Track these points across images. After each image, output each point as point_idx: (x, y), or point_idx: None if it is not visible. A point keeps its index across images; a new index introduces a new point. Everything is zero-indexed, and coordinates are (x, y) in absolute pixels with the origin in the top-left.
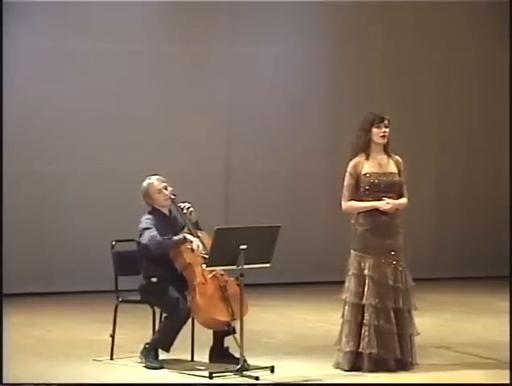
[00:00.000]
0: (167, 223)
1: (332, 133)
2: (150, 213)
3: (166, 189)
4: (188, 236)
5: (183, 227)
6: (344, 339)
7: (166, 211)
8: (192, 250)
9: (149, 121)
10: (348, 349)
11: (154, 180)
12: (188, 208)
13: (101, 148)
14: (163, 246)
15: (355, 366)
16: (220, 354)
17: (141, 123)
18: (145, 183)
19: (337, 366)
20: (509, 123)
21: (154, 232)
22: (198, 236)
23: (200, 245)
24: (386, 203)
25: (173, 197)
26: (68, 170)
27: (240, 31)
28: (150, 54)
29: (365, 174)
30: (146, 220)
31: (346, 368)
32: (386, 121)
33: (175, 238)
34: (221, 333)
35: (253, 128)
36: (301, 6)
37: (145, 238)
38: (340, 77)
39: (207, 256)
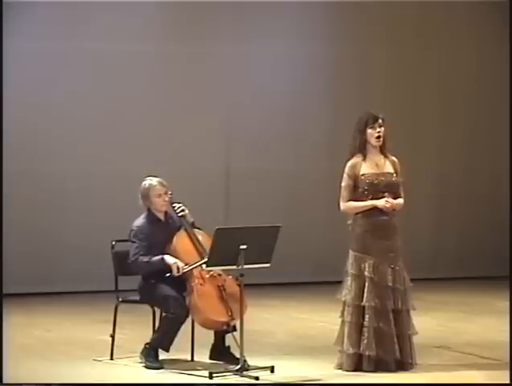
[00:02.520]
0: (161, 226)
1: (331, 133)
2: (145, 216)
3: (166, 194)
4: (167, 259)
5: (179, 228)
6: (346, 341)
7: (161, 214)
8: (171, 273)
9: (149, 121)
10: (351, 351)
11: (157, 184)
12: (183, 211)
13: (100, 148)
14: (142, 269)
15: (358, 367)
16: (220, 352)
17: (141, 123)
18: (146, 184)
19: (340, 367)
20: (509, 123)
21: (136, 249)
22: (196, 236)
23: (181, 265)
24: (385, 201)
25: (170, 196)
26: (67, 170)
27: (240, 31)
28: (150, 54)
29: (364, 175)
30: (135, 228)
31: (350, 370)
32: (380, 121)
33: (154, 260)
34: (222, 331)
35: (253, 128)
36: (301, 6)
37: (130, 254)
38: (340, 77)
39: (202, 260)
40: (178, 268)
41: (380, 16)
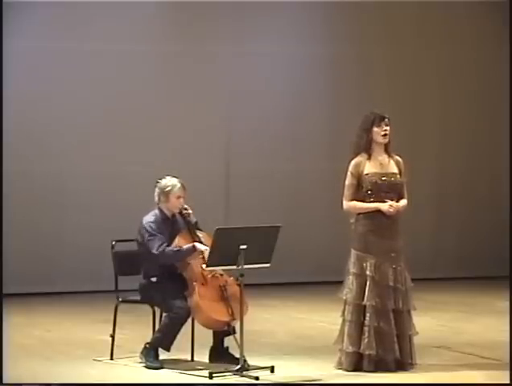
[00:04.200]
0: (168, 224)
1: (332, 133)
2: (154, 213)
3: (183, 197)
4: (198, 246)
5: (182, 228)
6: (346, 340)
7: (169, 213)
8: (204, 258)
9: (149, 121)
10: (350, 350)
11: (180, 186)
12: (186, 209)
13: (100, 148)
14: (172, 258)
15: (357, 367)
16: (220, 354)
17: (141, 123)
18: (169, 182)
19: (340, 366)
20: (509, 123)
21: (159, 241)
22: (198, 237)
23: None
24: (389, 206)
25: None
26: (67, 169)
27: (240, 31)
28: (150, 54)
29: (367, 174)
30: (150, 223)
31: (349, 369)
32: (386, 120)
33: (185, 248)
34: (221, 333)
35: (253, 127)
36: (301, 6)
37: (153, 247)
38: (340, 77)
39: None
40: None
41: (380, 16)
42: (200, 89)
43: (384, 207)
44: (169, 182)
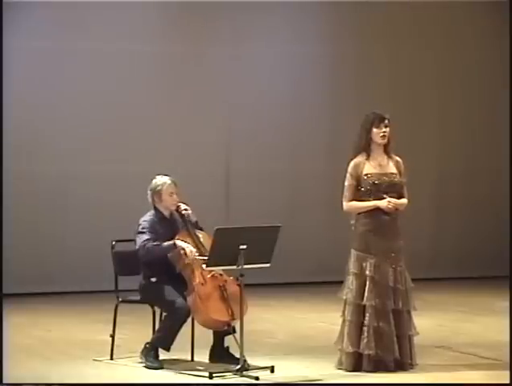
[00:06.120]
0: (166, 224)
1: (332, 133)
2: (152, 213)
3: (177, 194)
4: (179, 243)
5: (181, 228)
6: (345, 340)
7: (167, 213)
8: (186, 255)
9: (149, 122)
10: (350, 350)
11: (171, 182)
12: (186, 210)
13: (100, 148)
14: (152, 253)
15: (357, 367)
16: (220, 354)
17: (141, 123)
18: (159, 181)
19: (340, 366)
20: (509, 123)
21: (146, 237)
22: (197, 236)
23: (193, 249)
24: (387, 202)
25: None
26: (68, 170)
27: (240, 31)
28: (150, 54)
29: (366, 175)
30: (143, 222)
31: (349, 369)
32: (386, 121)
33: (165, 244)
34: (221, 332)
35: (254, 128)
36: (301, 6)
37: (137, 243)
38: (340, 77)
39: (205, 257)
40: (191, 251)
41: (380, 16)
42: (200, 90)
43: (383, 203)
44: (159, 181)
